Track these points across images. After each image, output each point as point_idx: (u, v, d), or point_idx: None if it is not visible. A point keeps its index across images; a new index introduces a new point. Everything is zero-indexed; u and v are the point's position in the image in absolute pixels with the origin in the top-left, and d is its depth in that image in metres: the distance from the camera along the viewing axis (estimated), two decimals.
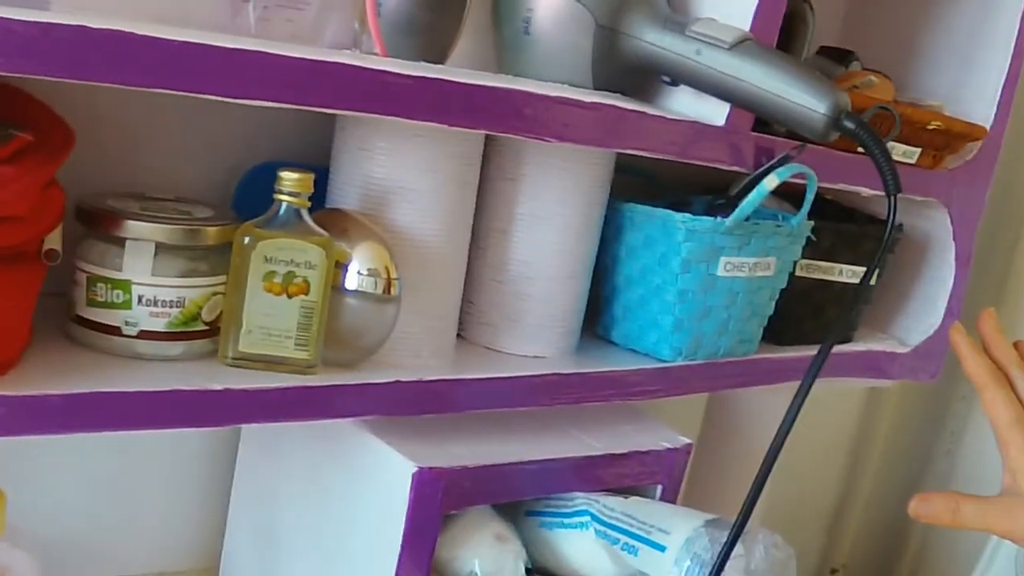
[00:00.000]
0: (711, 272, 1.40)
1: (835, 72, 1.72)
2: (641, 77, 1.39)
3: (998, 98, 1.72)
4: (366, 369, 1.20)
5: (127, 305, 1.09)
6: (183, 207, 1.16)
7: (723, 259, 1.40)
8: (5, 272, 1.00)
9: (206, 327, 1.13)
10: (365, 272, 1.15)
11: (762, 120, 1.37)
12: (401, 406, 1.22)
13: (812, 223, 1.50)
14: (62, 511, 1.41)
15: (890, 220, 1.25)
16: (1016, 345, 1.27)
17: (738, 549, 1.27)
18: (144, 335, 1.10)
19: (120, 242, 1.08)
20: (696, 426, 1.98)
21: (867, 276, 1.29)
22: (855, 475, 2.59)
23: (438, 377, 1.24)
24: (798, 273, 1.56)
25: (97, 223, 1.09)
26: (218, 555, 1.51)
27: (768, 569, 1.31)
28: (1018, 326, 2.34)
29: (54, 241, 1.06)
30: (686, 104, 1.38)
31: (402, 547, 1.23)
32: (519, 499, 1.40)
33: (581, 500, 1.40)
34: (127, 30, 0.93)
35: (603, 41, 1.33)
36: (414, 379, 1.21)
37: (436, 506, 1.23)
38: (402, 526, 1.22)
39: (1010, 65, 1.71)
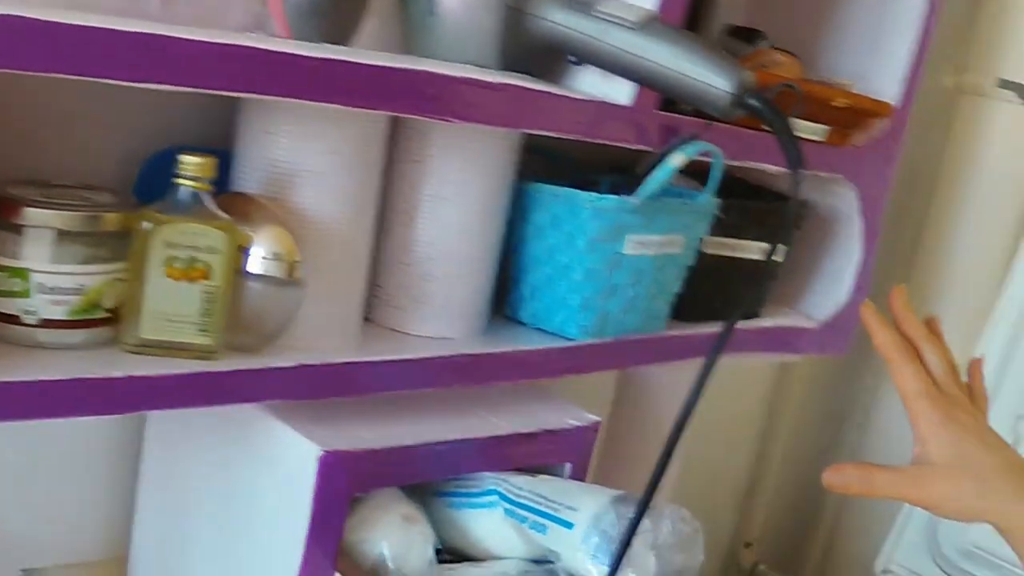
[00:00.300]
0: (617, 250, 1.40)
1: (742, 51, 1.72)
2: (547, 57, 1.39)
3: (905, 76, 1.74)
4: (270, 353, 1.20)
5: (26, 293, 1.07)
6: (84, 193, 1.14)
7: (630, 237, 1.40)
8: None
9: (107, 314, 1.12)
10: (268, 256, 1.14)
11: (668, 99, 1.37)
12: (306, 390, 1.21)
13: (719, 200, 1.51)
14: None
15: (794, 196, 1.26)
16: (927, 322, 1.29)
17: (645, 524, 1.28)
18: (44, 324, 1.09)
19: (18, 229, 1.07)
20: (606, 404, 1.99)
21: (772, 252, 1.30)
22: (766, 450, 2.61)
23: (343, 360, 1.23)
24: (706, 250, 1.57)
25: None
26: (127, 544, 1.49)
27: (675, 544, 1.32)
28: (927, 300, 2.37)
29: None
30: (592, 84, 1.38)
31: (309, 531, 1.22)
32: (427, 480, 1.40)
33: (489, 479, 1.40)
34: (23, 15, 0.91)
35: (509, 21, 1.33)
36: (319, 362, 1.21)
37: (342, 489, 1.23)
38: (308, 510, 1.22)
39: (918, 42, 1.72)
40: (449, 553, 1.42)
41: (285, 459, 1.25)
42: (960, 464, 1.21)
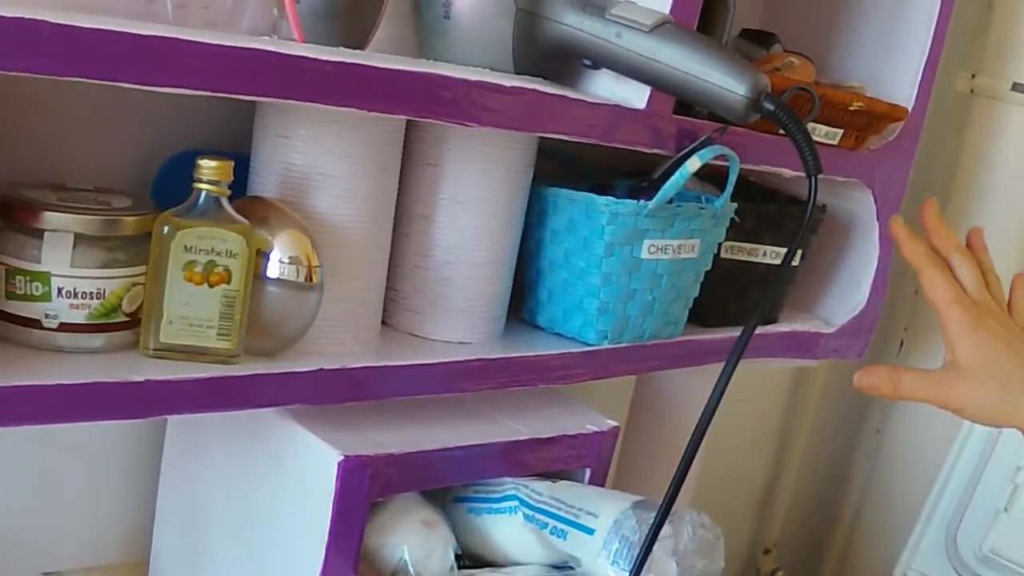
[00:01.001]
0: (635, 255, 1.40)
1: (756, 55, 1.73)
2: (562, 61, 1.39)
3: (919, 78, 1.74)
4: (289, 358, 1.19)
5: (46, 297, 1.08)
6: (102, 197, 1.15)
7: (647, 242, 1.40)
8: None
9: (127, 318, 1.12)
10: (287, 260, 1.15)
11: (683, 103, 1.37)
12: (325, 394, 1.21)
13: (735, 205, 1.51)
14: None
15: (811, 201, 1.26)
16: (970, 233, 1.32)
17: (666, 530, 1.28)
18: (64, 328, 1.09)
19: (38, 234, 1.07)
20: (624, 409, 1.99)
21: (788, 256, 1.30)
22: (784, 455, 2.61)
23: (362, 364, 1.23)
24: (722, 255, 1.57)
25: (14, 215, 1.08)
26: (147, 548, 1.50)
27: (696, 549, 1.31)
28: None
29: None
30: (607, 88, 1.38)
31: (329, 536, 1.22)
32: (446, 485, 1.40)
33: (509, 485, 1.40)
34: (39, 18, 0.91)
35: (524, 25, 1.33)
36: (338, 367, 1.21)
37: (363, 494, 1.23)
38: (329, 515, 1.22)
39: (931, 45, 1.72)
40: (469, 559, 1.42)
41: (305, 464, 1.25)
42: (985, 368, 1.23)
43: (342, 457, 1.21)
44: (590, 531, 1.33)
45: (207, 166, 1.11)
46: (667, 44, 1.28)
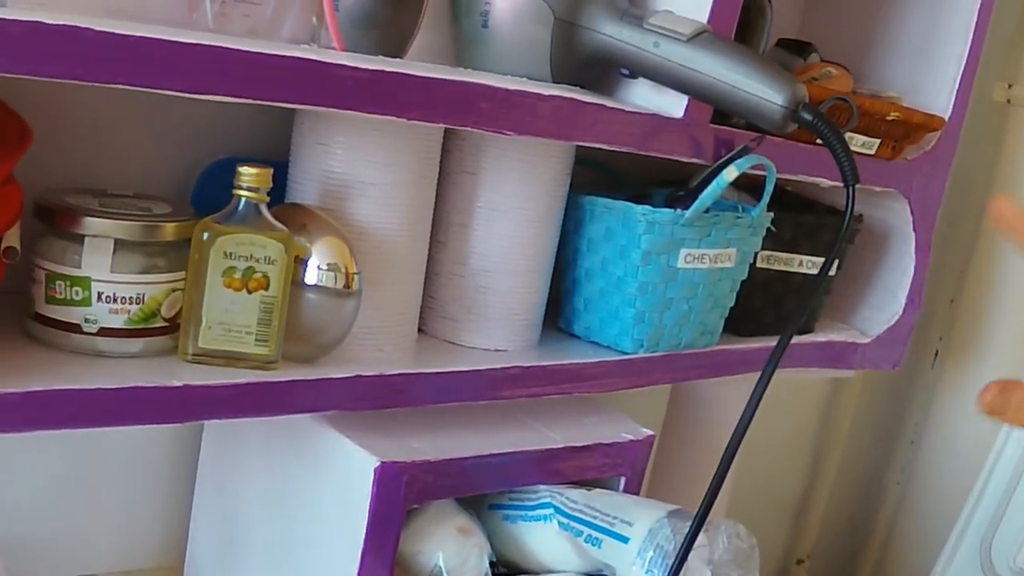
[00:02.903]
0: (672, 264, 1.40)
1: (793, 64, 1.72)
2: (600, 70, 1.39)
3: (956, 88, 1.73)
4: (327, 364, 1.20)
5: (86, 302, 1.08)
6: (142, 203, 1.16)
7: (683, 251, 1.40)
8: None
9: (166, 323, 1.13)
10: (325, 267, 1.15)
11: (721, 112, 1.37)
12: (362, 400, 1.22)
13: (772, 214, 1.51)
14: (25, 510, 1.41)
15: (848, 210, 1.26)
16: None
17: (701, 540, 1.28)
18: (104, 332, 1.10)
19: (79, 239, 1.08)
20: (659, 418, 1.99)
21: (826, 266, 1.30)
22: (819, 466, 2.60)
23: (399, 371, 1.24)
24: (758, 264, 1.57)
25: (56, 220, 1.09)
26: (183, 552, 1.50)
27: (731, 559, 1.31)
28: (978, 314, 2.35)
29: (12, 239, 1.05)
30: (645, 97, 1.38)
31: (365, 542, 1.22)
32: (482, 492, 1.40)
33: (544, 493, 1.40)
34: (83, 25, 0.92)
35: (561, 34, 1.33)
36: (375, 373, 1.21)
37: (399, 500, 1.23)
38: (365, 521, 1.22)
39: (967, 55, 1.72)
40: (504, 566, 1.42)
41: (342, 470, 1.25)
42: None
43: (379, 463, 1.21)
44: (625, 540, 1.33)
45: (247, 173, 1.11)
46: (705, 54, 1.28)
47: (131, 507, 1.50)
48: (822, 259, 1.65)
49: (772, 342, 1.23)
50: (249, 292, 1.11)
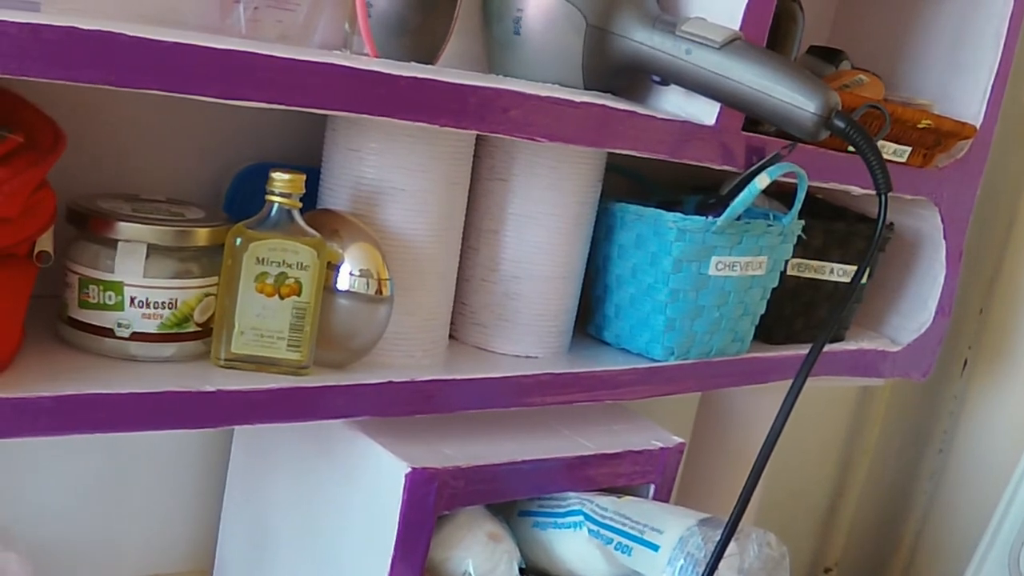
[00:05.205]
0: (702, 271, 1.40)
1: (825, 71, 1.72)
2: (631, 77, 1.39)
3: (987, 96, 1.73)
4: (358, 370, 1.20)
5: (119, 307, 1.09)
6: (174, 208, 1.16)
7: (714, 258, 1.40)
8: None
9: (198, 328, 1.13)
10: (357, 273, 1.15)
11: (752, 119, 1.37)
12: (393, 406, 1.22)
13: (803, 222, 1.50)
14: (55, 513, 1.41)
15: (881, 218, 1.25)
16: None
17: (731, 548, 1.27)
18: (136, 337, 1.10)
19: (112, 244, 1.08)
20: (688, 425, 1.99)
21: (859, 274, 1.29)
22: (847, 474, 2.59)
23: (430, 377, 1.24)
24: (789, 272, 1.57)
25: (89, 225, 1.09)
26: (212, 557, 1.50)
27: (761, 568, 1.31)
28: (1007, 323, 2.35)
29: (46, 243, 1.05)
30: (676, 104, 1.38)
31: (395, 548, 1.22)
32: (512, 499, 1.40)
33: (574, 500, 1.40)
34: (117, 31, 0.92)
35: (593, 41, 1.34)
36: (406, 379, 1.21)
37: (429, 507, 1.23)
38: (395, 527, 1.22)
39: (999, 63, 1.71)
40: (533, 573, 1.42)
41: (372, 475, 1.25)
42: None
43: (410, 469, 1.21)
44: (655, 547, 1.33)
45: (280, 179, 1.11)
46: (737, 61, 1.28)
47: (161, 511, 1.50)
48: (853, 267, 1.64)
49: (802, 350, 1.23)
50: (281, 298, 1.11)
